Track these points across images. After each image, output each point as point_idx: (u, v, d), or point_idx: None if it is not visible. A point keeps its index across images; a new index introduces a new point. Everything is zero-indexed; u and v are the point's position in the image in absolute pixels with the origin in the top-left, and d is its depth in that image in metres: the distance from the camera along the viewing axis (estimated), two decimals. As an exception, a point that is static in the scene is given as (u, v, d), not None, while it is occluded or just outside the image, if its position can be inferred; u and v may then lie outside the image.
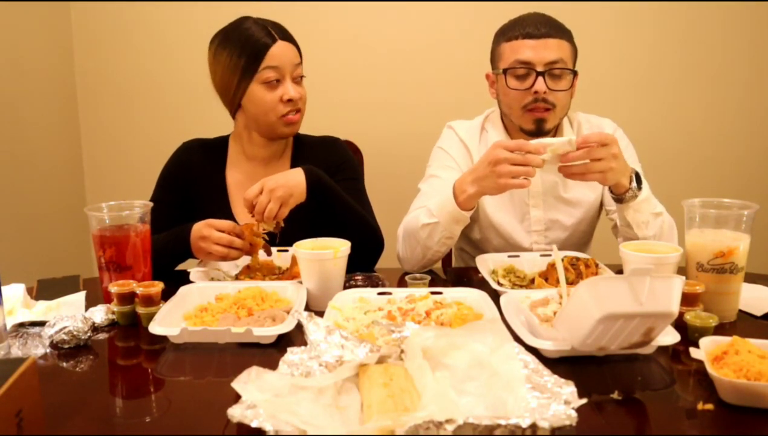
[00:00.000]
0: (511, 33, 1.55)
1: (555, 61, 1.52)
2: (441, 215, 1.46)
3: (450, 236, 1.49)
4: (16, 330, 1.19)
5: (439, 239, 1.49)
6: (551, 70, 1.52)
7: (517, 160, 1.31)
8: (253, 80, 1.55)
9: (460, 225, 1.48)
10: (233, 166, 1.69)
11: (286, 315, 1.16)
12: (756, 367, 0.87)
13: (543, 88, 1.52)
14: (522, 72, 1.53)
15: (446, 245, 1.51)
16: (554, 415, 0.78)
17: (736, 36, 2.42)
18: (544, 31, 1.52)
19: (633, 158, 1.66)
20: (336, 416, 0.82)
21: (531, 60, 1.52)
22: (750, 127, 2.49)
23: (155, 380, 1.02)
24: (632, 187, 1.40)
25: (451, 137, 1.71)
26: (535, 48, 1.51)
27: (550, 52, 1.51)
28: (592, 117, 1.71)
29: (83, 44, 2.51)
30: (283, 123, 1.58)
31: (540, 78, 1.51)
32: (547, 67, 1.52)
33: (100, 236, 1.29)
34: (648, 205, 1.44)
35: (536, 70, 1.52)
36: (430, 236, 1.49)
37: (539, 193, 1.66)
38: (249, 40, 1.54)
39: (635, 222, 1.43)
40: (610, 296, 0.91)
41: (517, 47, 1.53)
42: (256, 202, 1.42)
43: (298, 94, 1.58)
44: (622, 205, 1.43)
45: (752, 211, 1.19)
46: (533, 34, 1.52)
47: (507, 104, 1.61)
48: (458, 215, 1.45)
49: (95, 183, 2.62)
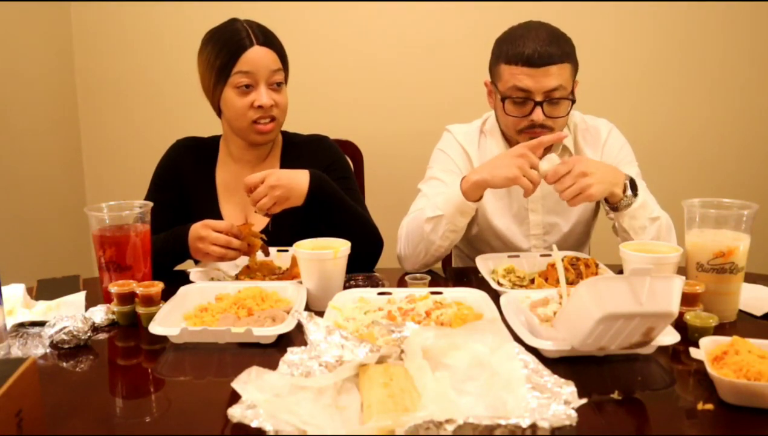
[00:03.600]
0: (512, 54, 1.48)
1: (555, 89, 1.47)
2: (446, 208, 1.47)
3: (454, 230, 1.49)
4: (16, 330, 1.19)
5: (443, 233, 1.48)
6: (550, 98, 1.48)
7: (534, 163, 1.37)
8: (227, 84, 1.54)
9: (465, 217, 1.48)
10: (222, 167, 1.69)
11: (286, 315, 1.16)
12: (756, 367, 0.87)
13: (540, 118, 1.49)
14: (520, 99, 1.50)
15: (449, 240, 1.51)
16: (554, 415, 0.78)
17: (736, 36, 2.42)
18: (545, 59, 1.45)
19: (629, 158, 1.66)
20: (336, 416, 0.82)
21: (530, 88, 1.47)
22: (750, 127, 2.49)
23: (155, 380, 1.02)
24: (626, 196, 1.40)
25: (450, 141, 1.71)
26: (534, 76, 1.46)
27: (550, 80, 1.46)
28: (588, 118, 1.71)
29: (83, 44, 2.51)
30: (255, 131, 1.56)
31: (538, 108, 1.48)
32: (546, 97, 1.48)
33: (100, 236, 1.29)
34: (644, 211, 1.43)
35: (534, 100, 1.48)
36: (434, 229, 1.49)
37: (538, 197, 1.66)
38: (227, 43, 1.54)
39: (632, 228, 1.43)
40: (610, 296, 0.91)
41: (516, 73, 1.47)
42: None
43: (271, 101, 1.54)
44: (617, 213, 1.43)
45: (752, 211, 1.19)
46: (534, 62, 1.45)
47: (504, 124, 1.60)
48: (463, 206, 1.45)
49: (95, 183, 2.62)
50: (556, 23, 1.57)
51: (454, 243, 1.54)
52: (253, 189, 1.43)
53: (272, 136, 1.61)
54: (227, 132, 1.66)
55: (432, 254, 1.53)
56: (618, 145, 1.67)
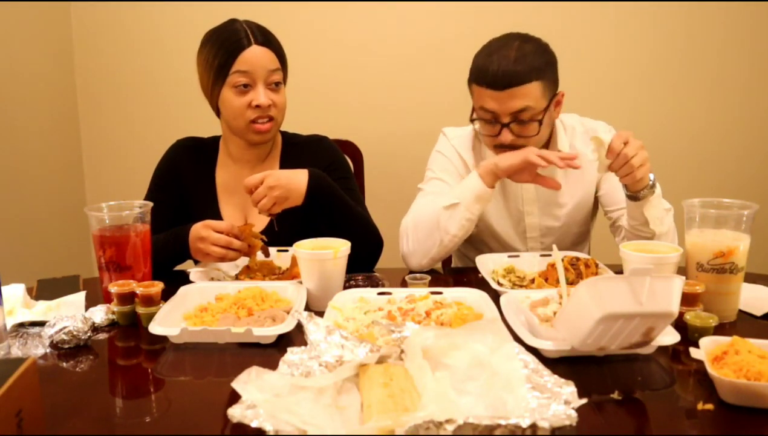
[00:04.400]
0: (479, 74, 1.47)
1: (521, 110, 1.44)
2: (463, 195, 1.48)
3: (470, 218, 1.49)
4: (16, 330, 1.19)
5: (460, 221, 1.48)
6: (518, 119, 1.46)
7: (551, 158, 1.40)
8: (225, 83, 1.54)
9: (481, 204, 1.48)
10: (222, 167, 1.69)
11: (286, 315, 1.16)
12: (756, 367, 0.87)
13: (508, 139, 1.47)
14: (489, 118, 1.49)
15: (465, 229, 1.50)
16: (554, 415, 0.78)
17: (736, 36, 2.42)
18: (508, 80, 1.42)
19: None
20: (336, 416, 0.82)
21: (495, 110, 1.46)
22: (750, 127, 2.49)
23: (155, 380, 1.02)
24: (651, 180, 1.40)
25: (446, 143, 1.71)
26: (498, 99, 1.44)
27: (515, 102, 1.43)
28: (586, 120, 1.71)
29: (83, 44, 2.51)
30: (252, 130, 1.56)
31: (505, 129, 1.47)
32: (513, 118, 1.46)
33: (100, 236, 1.29)
34: (661, 201, 1.46)
35: (501, 122, 1.47)
36: (451, 217, 1.49)
37: (534, 200, 1.66)
38: (225, 43, 1.54)
39: (652, 217, 1.43)
40: (610, 296, 0.91)
41: (482, 94, 1.47)
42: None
43: (269, 101, 1.54)
44: (639, 202, 1.42)
45: (752, 211, 1.19)
46: (497, 84, 1.43)
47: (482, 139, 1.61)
48: (481, 192, 1.46)
49: (95, 183, 2.62)
50: (556, 24, 1.56)
51: (466, 236, 1.53)
52: (254, 190, 1.43)
53: (270, 135, 1.61)
54: (226, 132, 1.66)
55: (445, 245, 1.51)
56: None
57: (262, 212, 1.45)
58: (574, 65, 1.77)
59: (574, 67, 1.72)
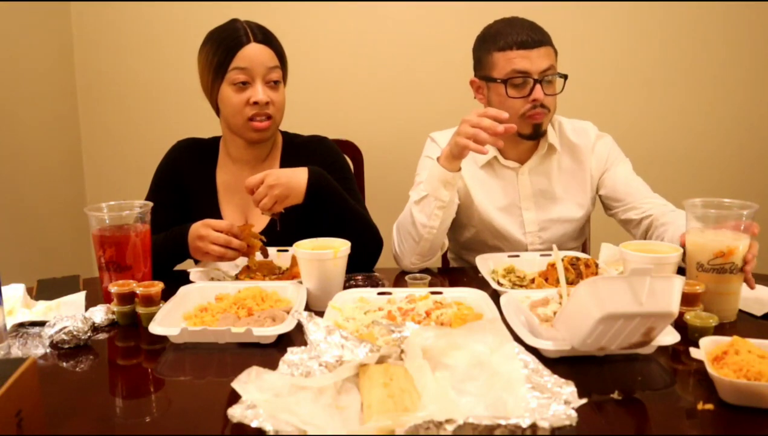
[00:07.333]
0: (503, 42, 1.58)
1: (548, 69, 1.57)
2: (429, 185, 1.51)
3: (442, 206, 1.50)
4: (16, 330, 1.19)
5: (432, 210, 1.51)
6: (545, 77, 1.57)
7: (483, 124, 1.39)
8: (224, 81, 1.55)
9: (448, 189, 1.50)
10: (222, 168, 1.69)
11: (286, 315, 1.16)
12: (756, 367, 0.87)
13: (541, 95, 1.57)
14: (519, 81, 1.57)
15: (439, 219, 1.51)
16: (554, 415, 0.78)
17: (736, 36, 2.42)
18: (536, 39, 1.56)
19: (620, 157, 1.72)
20: (336, 416, 0.82)
21: (528, 69, 1.56)
22: (750, 127, 2.49)
23: (155, 380, 1.02)
24: None
25: (434, 149, 1.71)
26: (529, 57, 1.56)
27: (543, 61, 1.56)
28: (574, 121, 1.75)
29: (83, 44, 2.51)
30: (251, 128, 1.56)
31: (537, 85, 1.56)
32: (542, 76, 1.57)
33: (100, 236, 1.29)
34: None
35: (534, 78, 1.56)
36: (422, 209, 1.52)
37: (530, 196, 1.69)
38: (224, 40, 1.55)
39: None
40: (610, 296, 0.91)
41: (512, 57, 1.56)
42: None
43: (267, 98, 1.54)
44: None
45: (752, 211, 1.19)
46: (527, 44, 1.56)
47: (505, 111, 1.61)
48: (443, 175, 1.48)
49: (95, 183, 2.62)
50: (556, 24, 1.59)
51: (445, 226, 1.54)
52: (254, 190, 1.43)
53: (268, 134, 1.60)
54: (226, 132, 1.66)
55: (425, 238, 1.52)
56: (609, 142, 1.73)
57: (263, 212, 1.45)
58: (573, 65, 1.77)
59: (573, 67, 1.73)
